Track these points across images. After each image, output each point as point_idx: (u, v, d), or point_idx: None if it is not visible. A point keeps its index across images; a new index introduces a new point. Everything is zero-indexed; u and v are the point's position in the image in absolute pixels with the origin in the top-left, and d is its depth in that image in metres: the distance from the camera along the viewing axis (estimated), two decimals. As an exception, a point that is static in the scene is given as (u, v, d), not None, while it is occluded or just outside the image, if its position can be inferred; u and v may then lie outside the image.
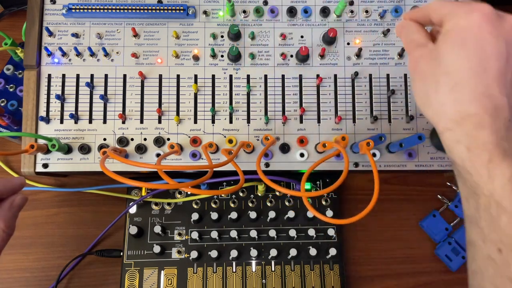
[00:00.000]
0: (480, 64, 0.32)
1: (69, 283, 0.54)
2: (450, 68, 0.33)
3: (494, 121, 0.31)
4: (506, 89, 0.32)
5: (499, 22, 0.33)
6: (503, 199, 0.29)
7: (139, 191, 0.54)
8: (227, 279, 0.52)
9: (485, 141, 0.30)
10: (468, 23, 0.33)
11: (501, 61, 0.32)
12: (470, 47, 0.32)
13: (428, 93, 0.34)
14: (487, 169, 0.30)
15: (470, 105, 0.32)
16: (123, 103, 0.51)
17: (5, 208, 0.40)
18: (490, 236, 0.30)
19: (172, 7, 0.51)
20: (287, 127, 0.51)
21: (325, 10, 0.52)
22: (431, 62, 0.34)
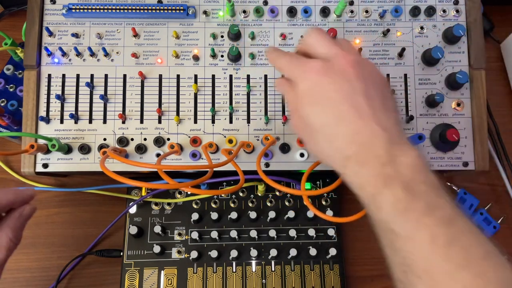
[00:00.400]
0: (336, 112, 0.35)
1: (69, 283, 0.54)
2: (316, 126, 0.36)
3: (372, 152, 0.33)
4: (369, 118, 0.34)
5: (330, 68, 0.36)
6: (392, 225, 0.31)
7: (139, 191, 0.54)
8: (227, 279, 0.52)
9: (367, 177, 0.33)
10: (307, 84, 0.36)
11: (350, 99, 0.35)
12: (320, 102, 0.36)
13: (316, 150, 0.38)
14: (373, 202, 0.32)
15: (346, 149, 0.34)
16: (123, 103, 0.51)
17: (15, 217, 0.40)
18: (394, 260, 0.32)
19: (172, 7, 0.51)
20: (287, 127, 0.51)
21: (325, 10, 0.52)
22: (303, 125, 0.38)
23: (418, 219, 0.30)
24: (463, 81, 0.49)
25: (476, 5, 0.53)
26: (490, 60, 0.65)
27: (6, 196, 0.39)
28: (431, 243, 0.29)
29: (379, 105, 0.35)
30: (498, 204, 0.59)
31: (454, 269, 0.28)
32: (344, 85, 0.35)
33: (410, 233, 0.30)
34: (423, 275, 0.29)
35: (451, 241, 0.29)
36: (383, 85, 0.38)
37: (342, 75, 0.36)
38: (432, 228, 0.29)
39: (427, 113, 0.51)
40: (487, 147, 0.51)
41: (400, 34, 0.52)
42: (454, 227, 0.30)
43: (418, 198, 0.31)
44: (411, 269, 0.30)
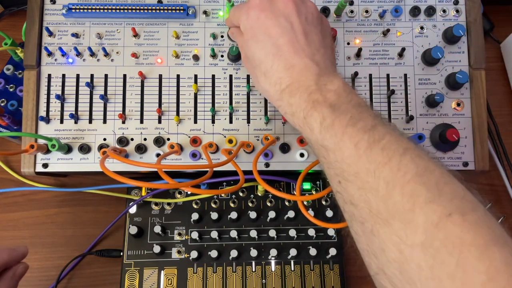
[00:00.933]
0: (273, 46, 0.38)
1: (69, 283, 0.54)
2: (256, 62, 0.40)
3: (302, 83, 0.36)
4: (304, 52, 0.38)
5: (271, 4, 0.39)
6: (323, 141, 0.34)
7: (139, 191, 0.54)
8: (227, 279, 0.52)
9: (299, 104, 0.36)
10: (249, 21, 0.40)
11: (287, 34, 0.38)
12: (259, 38, 0.39)
13: (258, 85, 0.41)
14: (306, 124, 0.36)
15: (280, 83, 0.38)
16: (123, 103, 0.51)
17: (9, 277, 0.41)
18: (330, 174, 0.35)
19: (172, 7, 0.51)
20: (287, 127, 0.51)
21: (325, 10, 0.52)
22: (247, 61, 0.42)
23: (343, 131, 0.33)
24: (463, 81, 0.49)
25: (476, 5, 0.53)
26: (490, 60, 0.65)
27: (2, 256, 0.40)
28: (355, 149, 0.32)
29: (316, 42, 0.39)
30: (498, 204, 0.59)
31: (377, 167, 0.31)
32: (283, 20, 0.38)
33: (337, 145, 0.33)
34: (353, 178, 0.32)
35: (371, 144, 0.32)
36: (320, 23, 0.41)
37: (282, 10, 0.39)
38: (355, 136, 0.32)
39: (427, 113, 0.51)
40: (487, 147, 0.51)
41: (400, 34, 0.52)
42: (375, 132, 0.32)
43: (342, 114, 0.34)
44: (343, 176, 0.33)
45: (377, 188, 0.30)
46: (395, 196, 0.29)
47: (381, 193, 0.30)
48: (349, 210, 0.33)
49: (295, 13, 0.39)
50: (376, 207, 0.30)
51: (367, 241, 0.32)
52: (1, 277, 0.40)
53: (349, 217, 0.34)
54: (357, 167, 0.32)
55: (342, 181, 0.33)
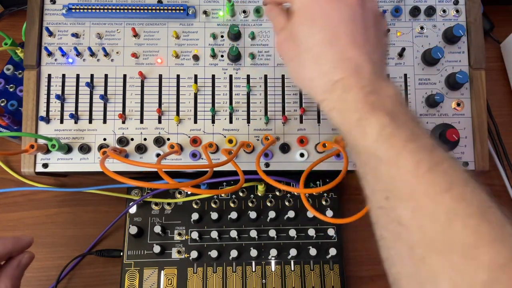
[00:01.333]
0: (331, 33, 0.35)
1: (69, 283, 0.54)
2: (307, 45, 0.36)
3: (359, 80, 0.33)
4: (363, 47, 0.35)
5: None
6: (377, 150, 0.31)
7: (139, 191, 0.54)
8: (227, 279, 0.52)
9: (353, 102, 0.33)
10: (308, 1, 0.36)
11: (348, 25, 0.35)
12: (317, 21, 0.35)
13: (299, 72, 0.37)
14: (359, 127, 0.32)
15: (333, 73, 0.34)
16: (123, 103, 0.51)
17: (13, 266, 0.40)
18: (376, 187, 0.32)
19: (172, 7, 0.51)
20: (287, 127, 0.51)
21: (325, 10, 0.52)
22: (291, 43, 0.37)
23: (404, 145, 0.30)
24: (463, 81, 0.49)
25: (476, 5, 0.53)
26: (490, 60, 0.65)
27: (5, 246, 0.39)
28: (415, 168, 0.29)
29: (373, 38, 0.36)
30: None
31: (437, 192, 0.28)
32: (345, 8, 0.35)
33: (394, 158, 0.30)
34: (407, 199, 0.30)
35: (434, 166, 0.29)
36: (380, 21, 0.38)
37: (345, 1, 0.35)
38: (416, 154, 0.30)
39: (427, 113, 0.51)
40: (487, 147, 0.51)
41: (400, 34, 0.52)
42: (436, 154, 0.30)
43: (402, 126, 0.31)
44: (394, 194, 0.30)
45: (435, 215, 0.28)
46: (456, 227, 0.27)
47: (440, 221, 0.28)
48: (394, 230, 0.31)
49: (359, 5, 0.36)
50: (432, 234, 0.28)
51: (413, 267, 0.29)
52: (6, 266, 0.40)
53: (392, 237, 0.32)
54: (414, 188, 0.29)
55: (392, 198, 0.31)
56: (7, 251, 0.39)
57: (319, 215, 0.41)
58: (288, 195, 0.55)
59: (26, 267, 0.42)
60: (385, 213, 0.32)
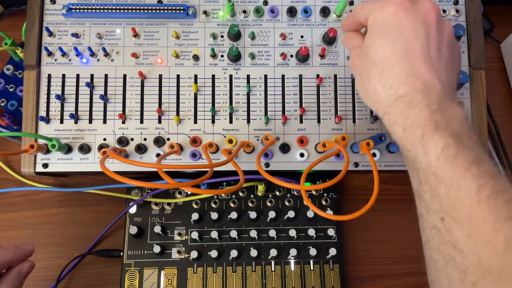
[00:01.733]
0: (402, 47, 0.35)
1: (69, 283, 0.54)
2: (377, 58, 0.36)
3: (425, 98, 0.33)
4: (432, 66, 0.34)
5: (413, 7, 0.36)
6: (438, 169, 0.31)
7: (139, 191, 0.54)
8: (227, 279, 0.52)
9: (417, 118, 0.32)
10: (384, 15, 0.36)
11: (421, 41, 0.35)
12: (390, 35, 0.35)
13: (364, 85, 0.38)
14: (421, 144, 0.32)
15: (399, 88, 0.34)
16: (123, 103, 0.51)
17: (14, 275, 0.40)
18: (433, 207, 0.32)
19: (172, 7, 0.51)
20: (287, 127, 0.51)
21: (325, 10, 0.52)
22: (363, 57, 0.38)
23: (467, 168, 0.30)
24: (463, 81, 0.49)
25: (476, 5, 0.53)
26: (490, 60, 0.65)
27: (6, 255, 0.39)
28: (477, 193, 0.29)
29: (445, 61, 0.36)
30: (498, 204, 0.59)
31: (498, 220, 0.28)
32: (421, 28, 0.35)
33: (456, 180, 0.30)
34: (464, 223, 0.29)
35: (496, 194, 0.29)
36: (453, 46, 0.38)
37: (423, 19, 0.35)
38: (479, 179, 0.29)
39: (427, 113, 0.51)
40: (487, 147, 0.51)
41: (400, 34, 0.52)
42: (499, 181, 0.30)
43: (467, 148, 0.31)
44: (451, 216, 0.30)
45: (493, 243, 0.28)
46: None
47: (497, 249, 0.27)
48: (447, 252, 0.31)
49: (435, 25, 0.36)
50: (488, 261, 0.28)
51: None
52: (7, 275, 0.40)
53: (444, 259, 0.31)
54: (473, 212, 0.29)
55: (447, 220, 0.30)
56: (8, 260, 0.40)
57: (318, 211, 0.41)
58: (288, 195, 0.55)
59: (26, 276, 0.42)
60: (439, 234, 0.31)
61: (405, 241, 0.57)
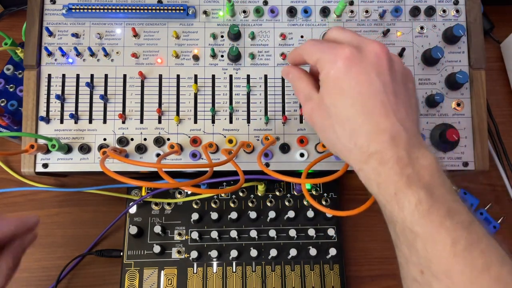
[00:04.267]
0: (364, 106, 0.34)
1: (69, 283, 0.54)
2: (340, 118, 0.35)
3: (394, 152, 0.33)
4: (395, 116, 0.34)
5: (362, 57, 0.35)
6: (414, 225, 0.31)
7: (139, 191, 0.54)
8: (227, 279, 0.52)
9: (389, 175, 0.33)
10: (337, 72, 0.35)
11: (380, 94, 0.34)
12: (348, 94, 0.35)
13: (334, 143, 0.37)
14: (396, 201, 0.32)
15: (369, 146, 0.34)
16: (123, 103, 0.51)
17: (17, 246, 0.40)
18: (412, 259, 0.32)
19: (172, 7, 0.51)
20: (287, 127, 0.51)
21: (325, 10, 0.52)
22: (322, 113, 0.37)
23: (441, 222, 0.30)
24: (463, 81, 0.49)
25: (476, 5, 0.53)
26: (490, 60, 0.65)
27: (9, 227, 0.39)
28: (452, 246, 0.29)
29: (404, 102, 0.36)
30: (498, 204, 0.59)
31: (475, 273, 0.29)
32: (375, 77, 0.35)
33: (431, 235, 0.30)
34: (443, 277, 0.30)
35: (471, 245, 0.29)
36: (409, 81, 0.38)
37: (375, 66, 0.35)
38: (453, 232, 0.30)
39: (427, 113, 0.51)
40: (487, 147, 0.51)
41: (400, 34, 0.52)
42: (473, 231, 0.30)
43: (439, 201, 0.31)
44: (430, 270, 0.31)
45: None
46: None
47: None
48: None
49: (387, 70, 0.35)
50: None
51: None
52: (9, 248, 0.39)
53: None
54: (450, 266, 0.30)
55: (427, 273, 0.31)
56: (10, 233, 0.39)
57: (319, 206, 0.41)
58: (288, 195, 0.55)
59: (28, 246, 0.41)
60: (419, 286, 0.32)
61: (405, 241, 0.57)
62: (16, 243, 0.40)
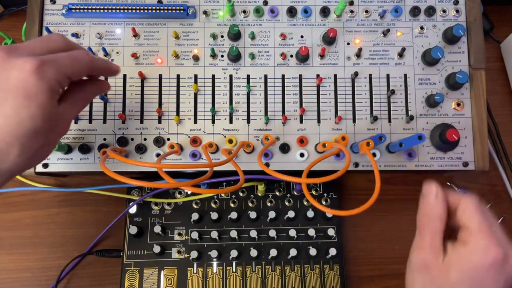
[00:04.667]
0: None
1: (69, 283, 0.54)
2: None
3: None
4: None
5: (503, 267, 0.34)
6: None
7: (139, 191, 0.54)
8: (227, 279, 0.52)
9: None
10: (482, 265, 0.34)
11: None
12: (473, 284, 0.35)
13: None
14: None
15: None
16: (123, 103, 0.51)
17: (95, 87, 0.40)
18: None
19: (172, 7, 0.51)
20: (287, 127, 0.51)
21: (325, 10, 0.52)
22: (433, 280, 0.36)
23: None
24: (463, 81, 0.49)
25: (476, 5, 0.53)
26: (490, 60, 0.65)
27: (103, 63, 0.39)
28: None
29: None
30: (498, 204, 0.59)
31: None
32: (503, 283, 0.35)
33: None
34: None
35: None
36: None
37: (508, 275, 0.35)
38: None
39: (427, 113, 0.51)
40: (487, 147, 0.51)
41: (400, 34, 0.52)
42: None
43: None
44: None
45: None
46: None
47: None
48: None
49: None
50: None
51: None
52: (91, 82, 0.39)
53: None
54: None
55: None
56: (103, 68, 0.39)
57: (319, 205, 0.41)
58: (288, 195, 0.55)
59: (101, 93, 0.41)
60: None
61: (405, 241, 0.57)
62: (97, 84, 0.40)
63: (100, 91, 0.41)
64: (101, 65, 0.39)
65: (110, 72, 0.41)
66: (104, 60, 0.40)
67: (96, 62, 0.37)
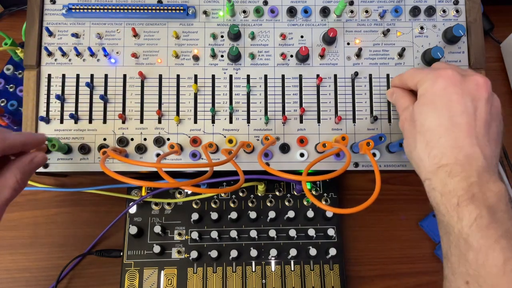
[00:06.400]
0: (448, 121, 0.37)
1: (69, 283, 0.54)
2: (423, 128, 0.39)
3: (464, 170, 0.35)
4: (477, 139, 0.36)
5: (463, 82, 0.38)
6: (469, 236, 0.33)
7: (139, 191, 0.54)
8: (227, 279, 0.52)
9: (454, 187, 0.35)
10: (435, 88, 0.38)
11: (467, 116, 0.37)
12: (438, 107, 0.38)
13: (410, 150, 0.40)
14: (456, 211, 0.34)
15: (442, 158, 0.37)
16: (123, 103, 0.51)
17: (26, 161, 0.40)
18: (459, 270, 0.34)
19: (172, 7, 0.51)
20: (287, 127, 0.51)
21: (325, 10, 0.52)
22: (411, 123, 0.41)
23: (497, 239, 0.32)
24: (463, 81, 0.49)
25: (476, 5, 0.53)
26: (490, 60, 0.65)
27: (18, 137, 0.39)
28: (504, 265, 0.31)
29: (491, 134, 0.38)
30: (498, 204, 0.59)
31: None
32: (469, 101, 0.37)
33: (485, 249, 0.32)
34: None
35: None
36: (500, 120, 0.40)
37: (472, 92, 0.38)
38: (507, 252, 0.31)
39: (427, 113, 0.51)
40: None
41: (400, 34, 0.52)
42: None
43: (499, 221, 0.33)
44: (477, 281, 0.32)
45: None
46: None
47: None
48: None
49: (484, 100, 0.38)
50: None
51: None
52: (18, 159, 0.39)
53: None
54: (497, 282, 0.31)
55: (472, 284, 0.33)
56: (20, 142, 0.39)
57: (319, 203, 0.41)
58: (288, 195, 0.55)
59: (38, 167, 0.41)
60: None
61: (405, 241, 0.57)
62: (27, 158, 0.40)
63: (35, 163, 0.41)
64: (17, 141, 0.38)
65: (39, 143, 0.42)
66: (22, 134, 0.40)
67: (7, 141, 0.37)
